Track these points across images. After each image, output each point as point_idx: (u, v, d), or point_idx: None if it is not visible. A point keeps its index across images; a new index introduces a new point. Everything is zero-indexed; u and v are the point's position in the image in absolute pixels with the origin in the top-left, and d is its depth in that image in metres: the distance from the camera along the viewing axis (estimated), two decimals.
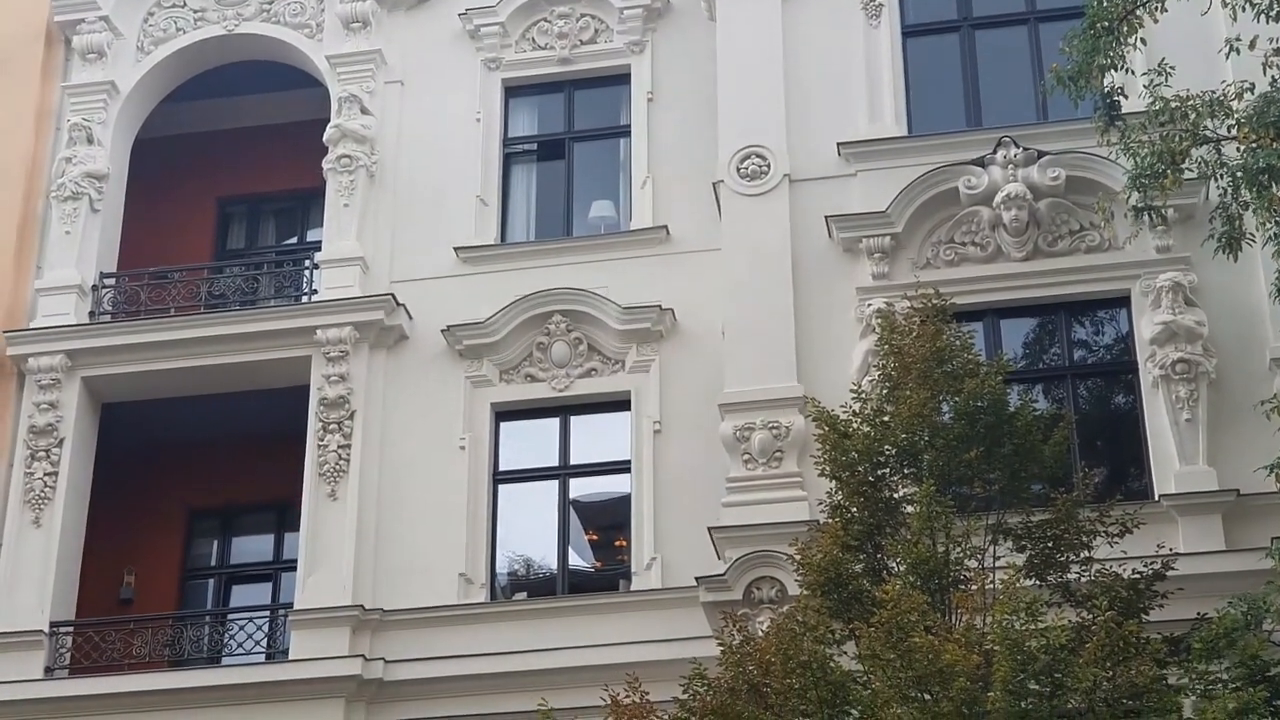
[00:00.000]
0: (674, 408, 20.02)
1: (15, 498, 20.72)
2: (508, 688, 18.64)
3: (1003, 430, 15.31)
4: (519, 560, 20.40)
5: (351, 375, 20.68)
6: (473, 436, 20.39)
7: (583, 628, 19.09)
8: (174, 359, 21.18)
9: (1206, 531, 17.21)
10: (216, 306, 21.82)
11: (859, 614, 14.49)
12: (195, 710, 19.29)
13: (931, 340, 15.60)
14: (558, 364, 20.57)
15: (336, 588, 19.70)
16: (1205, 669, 13.99)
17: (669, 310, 20.38)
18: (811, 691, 13.83)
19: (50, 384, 21.12)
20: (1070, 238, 18.87)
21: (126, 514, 21.91)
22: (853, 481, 15.48)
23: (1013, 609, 13.59)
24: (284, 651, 19.94)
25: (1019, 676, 13.33)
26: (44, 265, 22.07)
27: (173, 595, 21.98)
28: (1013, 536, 15.24)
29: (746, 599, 17.54)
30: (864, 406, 15.81)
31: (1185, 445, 17.69)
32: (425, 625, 19.52)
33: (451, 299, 21.04)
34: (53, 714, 19.44)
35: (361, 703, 19.20)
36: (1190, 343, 17.98)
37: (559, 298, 20.71)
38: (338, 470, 20.25)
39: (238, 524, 22.73)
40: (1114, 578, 14.85)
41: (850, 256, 19.22)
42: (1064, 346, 18.89)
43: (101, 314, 21.91)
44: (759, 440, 18.52)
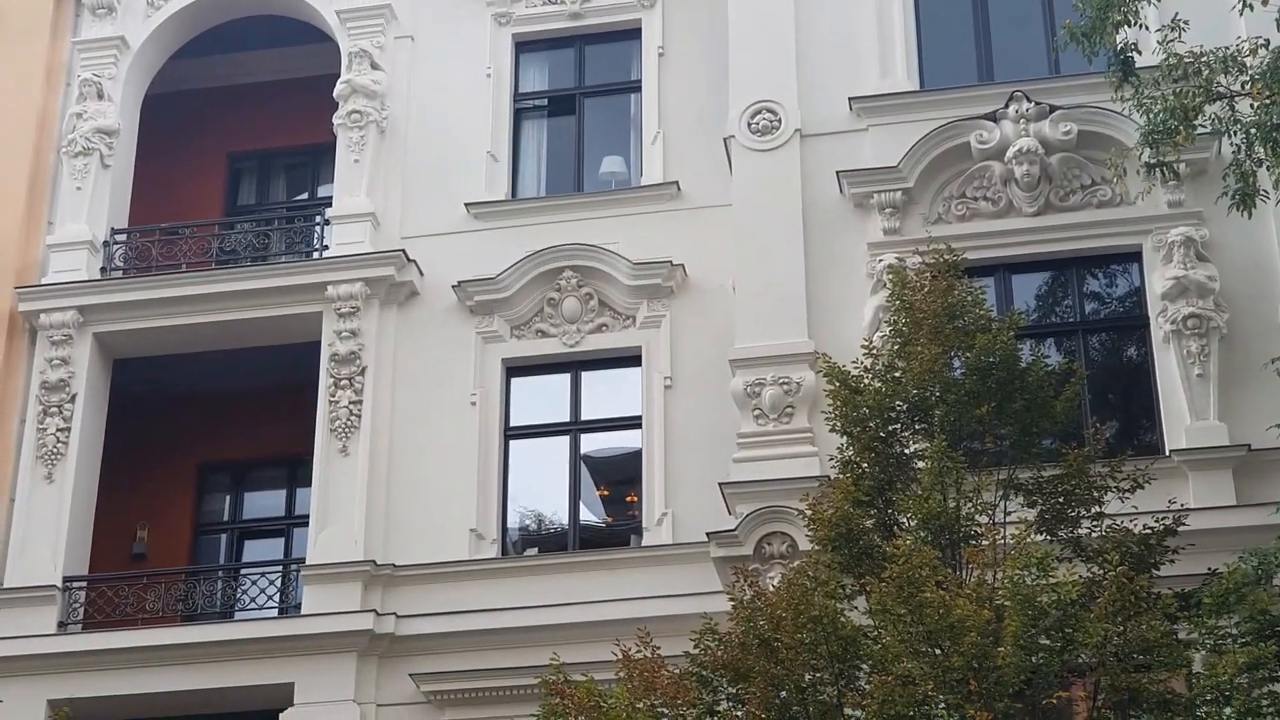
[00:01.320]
0: (685, 363, 20.03)
1: (28, 453, 20.78)
2: (519, 643, 18.69)
3: (1014, 385, 15.29)
4: (530, 516, 20.44)
5: (362, 331, 20.70)
6: (484, 392, 20.41)
7: (594, 583, 19.15)
8: (185, 314, 21.22)
9: (1217, 486, 17.21)
10: (227, 262, 21.83)
11: (870, 569, 14.50)
12: (208, 664, 19.38)
13: (943, 295, 15.56)
14: (568, 319, 20.57)
15: (348, 543, 19.75)
16: (1215, 624, 14.00)
17: (680, 266, 20.37)
18: (822, 646, 13.85)
19: (62, 340, 21.15)
20: (1082, 193, 18.82)
21: (139, 469, 21.97)
22: (864, 437, 15.47)
23: (1024, 564, 13.59)
24: (296, 606, 20.02)
25: (1030, 631, 13.34)
26: (55, 221, 22.09)
27: (185, 550, 22.06)
28: (1024, 492, 15.23)
29: (757, 554, 17.55)
30: (875, 362, 15.79)
31: (1196, 400, 17.68)
32: (437, 580, 19.58)
33: (462, 254, 21.04)
34: (66, 668, 19.52)
35: (374, 657, 19.28)
36: (1202, 298, 17.95)
37: (570, 253, 20.70)
38: (349, 426, 20.29)
39: (250, 479, 22.81)
40: (1125, 533, 14.83)
41: (861, 212, 19.18)
42: (1075, 301, 18.86)
43: (113, 270, 21.93)
44: (770, 396, 18.51)
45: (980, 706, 13.16)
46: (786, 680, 13.89)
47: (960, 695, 13.24)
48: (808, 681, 13.95)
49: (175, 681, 19.38)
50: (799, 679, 13.91)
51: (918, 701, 13.31)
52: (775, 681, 13.88)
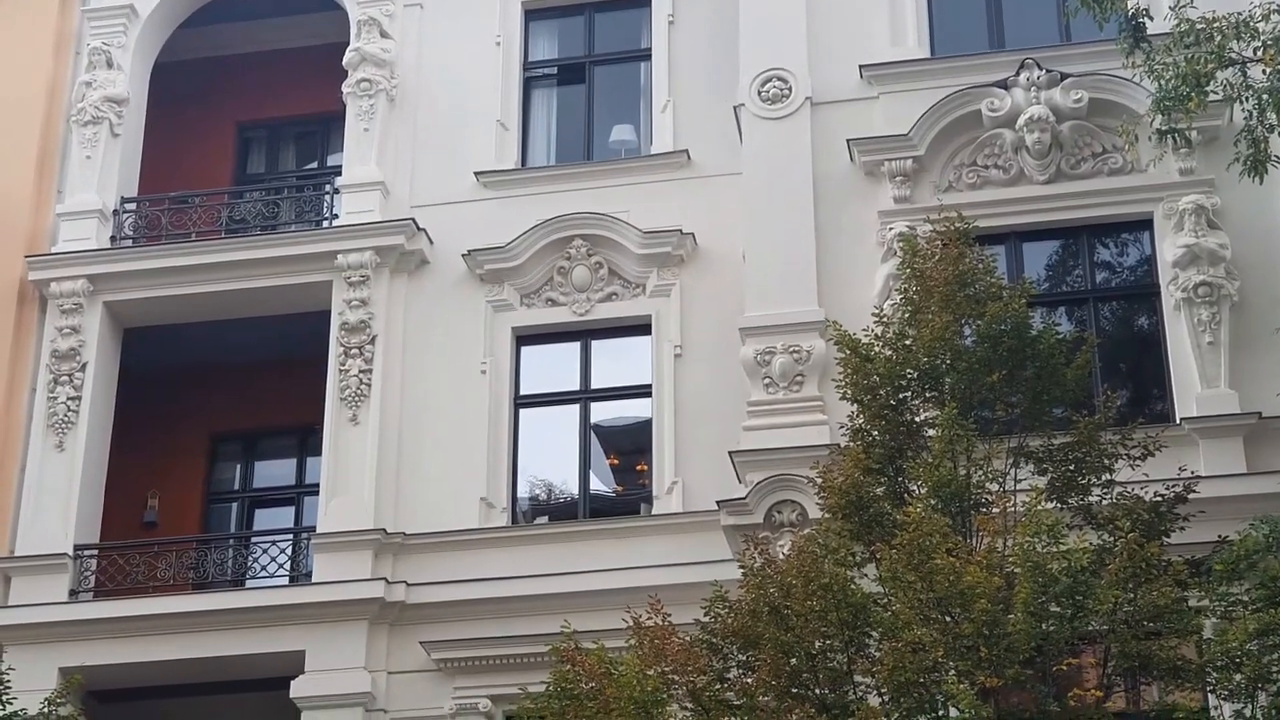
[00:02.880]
0: (695, 332, 20.03)
1: (39, 422, 20.81)
2: (529, 611, 18.72)
3: (1025, 353, 15.29)
4: (540, 484, 20.45)
5: (372, 300, 20.70)
6: (494, 361, 20.42)
7: (604, 551, 19.16)
8: (195, 284, 21.22)
9: (1228, 454, 17.18)
10: (237, 231, 21.83)
11: (880, 537, 14.51)
12: (219, 632, 19.43)
13: (954, 264, 15.54)
14: (578, 288, 20.56)
15: (358, 511, 19.78)
16: (1226, 591, 14.01)
17: (690, 234, 20.35)
18: (832, 613, 13.87)
19: (72, 309, 21.17)
20: (1093, 160, 18.77)
21: (149, 438, 21.99)
22: (874, 405, 15.47)
23: (1034, 531, 13.59)
24: (307, 575, 20.06)
25: (1040, 598, 13.35)
26: (65, 190, 22.07)
27: (196, 519, 22.10)
28: (1034, 459, 15.24)
29: (767, 522, 17.56)
30: (886, 330, 15.79)
31: (1207, 368, 17.65)
32: (447, 549, 19.61)
33: (472, 223, 21.03)
34: (78, 636, 19.56)
35: (384, 625, 19.33)
36: (1213, 265, 17.91)
37: (580, 222, 20.68)
38: (359, 395, 20.30)
39: (260, 448, 22.83)
40: (1135, 500, 14.83)
41: (872, 180, 19.15)
42: (1086, 269, 18.82)
43: (122, 239, 21.93)
44: (780, 364, 18.51)
45: (990, 673, 13.20)
46: (797, 647, 13.93)
47: (970, 662, 13.27)
48: (818, 649, 13.99)
49: (186, 649, 19.42)
50: (809, 646, 13.95)
51: (928, 668, 13.34)
52: (785, 649, 13.92)
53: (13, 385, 21.03)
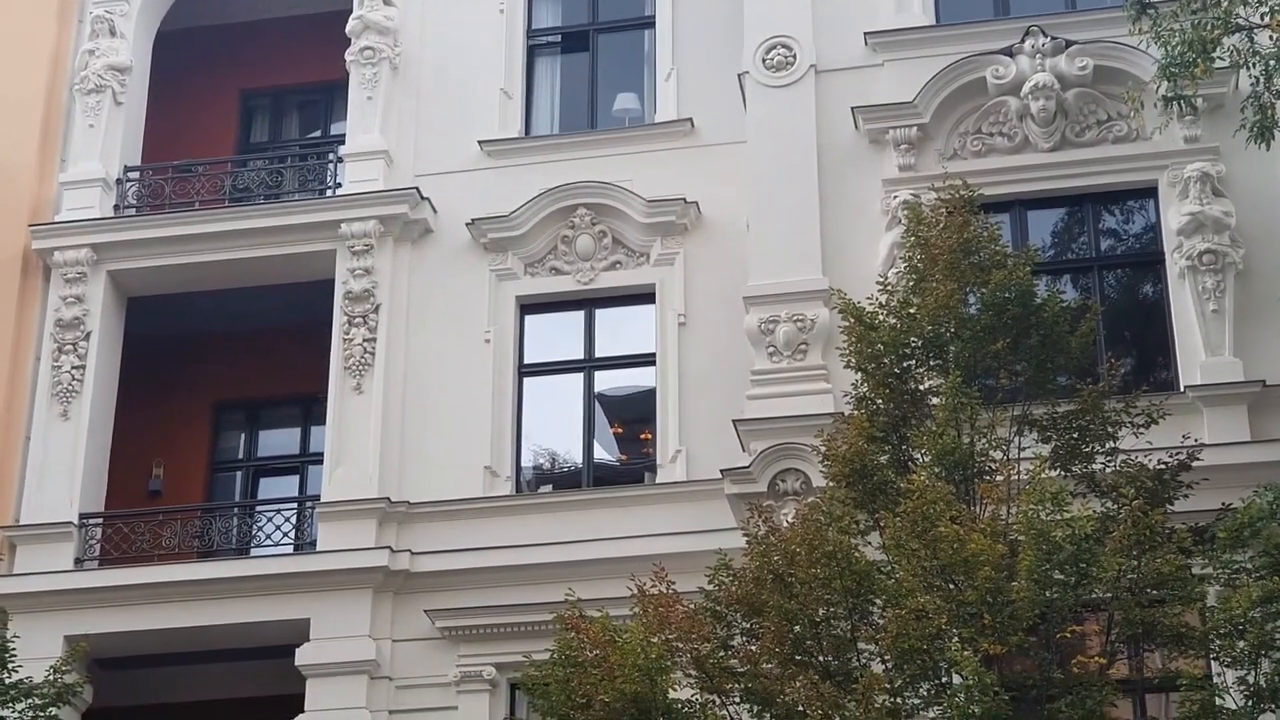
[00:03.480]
0: (698, 301, 20.01)
1: (43, 391, 20.82)
2: (533, 579, 18.75)
3: (1029, 321, 15.28)
4: (544, 453, 20.46)
5: (376, 269, 20.69)
6: (497, 329, 20.42)
7: (607, 520, 19.18)
8: (199, 252, 21.21)
9: (1232, 422, 17.18)
10: (240, 200, 21.82)
11: (884, 505, 14.52)
12: (224, 600, 19.47)
13: (959, 232, 15.52)
14: (582, 257, 20.55)
15: (363, 480, 19.80)
16: (1230, 558, 14.01)
17: (694, 203, 20.32)
18: (836, 581, 13.88)
19: (76, 278, 21.16)
20: (1098, 128, 18.73)
21: (154, 407, 22.01)
22: (878, 373, 15.47)
23: (1038, 499, 13.59)
24: (311, 543, 20.09)
25: (1044, 566, 13.35)
26: (68, 159, 22.06)
27: (201, 487, 22.12)
28: (1038, 427, 15.24)
29: (771, 491, 17.56)
30: (890, 298, 15.77)
31: (1211, 336, 17.63)
32: (451, 518, 19.64)
33: (476, 192, 21.01)
34: (83, 604, 19.60)
35: (388, 593, 19.36)
36: (1218, 233, 17.88)
37: (583, 191, 20.65)
38: (363, 364, 20.30)
39: (264, 417, 22.85)
40: (1139, 468, 14.83)
41: (876, 148, 19.11)
42: (1091, 237, 18.80)
43: (126, 208, 21.92)
44: (783, 333, 18.50)
45: (994, 640, 13.20)
46: (800, 615, 13.95)
47: (974, 629, 13.28)
48: (822, 616, 14.02)
49: (192, 617, 19.47)
50: (813, 614, 13.97)
51: (931, 636, 13.36)
52: (789, 616, 13.94)
53: (17, 354, 21.05)
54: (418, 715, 18.94)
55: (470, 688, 18.86)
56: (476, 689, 18.85)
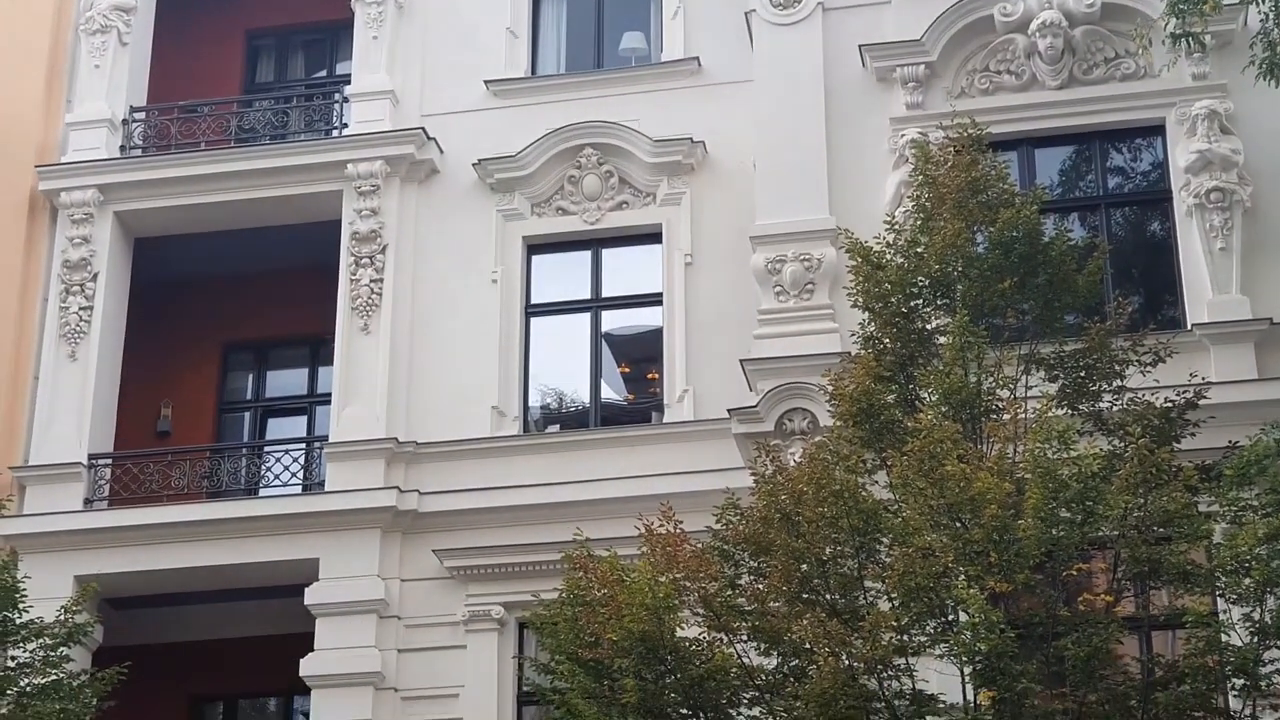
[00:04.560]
0: (705, 240, 19.99)
1: (51, 332, 20.84)
2: (541, 519, 18.81)
3: (1037, 260, 15.27)
4: (551, 393, 20.49)
5: (383, 209, 20.67)
6: (504, 270, 20.41)
7: (615, 460, 19.22)
8: (205, 193, 21.17)
9: (1239, 360, 17.19)
10: (246, 140, 21.77)
11: (891, 444, 14.54)
12: (233, 540, 19.53)
13: (967, 170, 15.50)
14: (589, 197, 20.52)
15: (370, 420, 19.83)
16: (1236, 496, 14.03)
17: (700, 143, 20.28)
18: (843, 520, 13.91)
19: (83, 219, 21.15)
20: (1105, 65, 18.68)
21: (162, 348, 22.03)
22: (885, 312, 15.48)
23: (1045, 437, 13.62)
24: (320, 483, 20.12)
25: (1050, 504, 13.38)
26: (74, 100, 22.01)
27: (209, 428, 22.14)
28: (1045, 366, 15.25)
29: (778, 430, 17.61)
30: (897, 237, 15.76)
31: (1219, 274, 17.62)
32: (459, 458, 19.66)
33: (482, 132, 20.96)
34: (93, 545, 19.63)
35: (397, 533, 19.41)
36: (1225, 171, 17.85)
37: (590, 131, 20.61)
38: (370, 304, 20.30)
39: (272, 358, 22.80)
40: (1146, 406, 14.86)
41: (884, 86, 19.07)
42: (1098, 175, 18.77)
43: (132, 148, 21.88)
44: (790, 272, 18.50)
45: (1000, 578, 13.23)
46: (807, 553, 13.98)
47: (980, 567, 13.31)
48: (829, 555, 14.05)
49: (201, 557, 19.51)
50: (820, 552, 14.00)
51: (938, 574, 13.39)
52: (796, 555, 13.97)
53: (24, 296, 21.06)
54: (426, 654, 18.98)
55: (478, 627, 18.93)
56: (485, 628, 18.92)
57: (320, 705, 18.92)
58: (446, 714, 18.65)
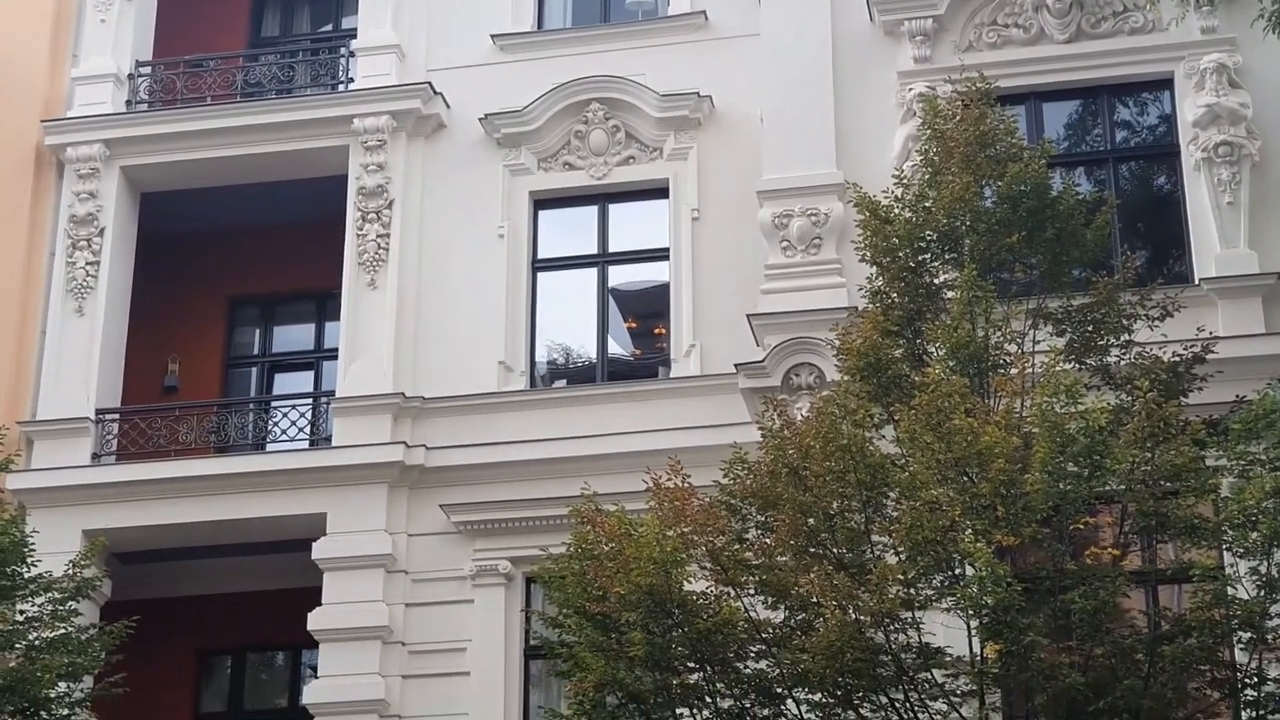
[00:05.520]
0: (712, 195, 19.97)
1: (58, 287, 20.86)
2: (548, 474, 18.85)
3: (1045, 214, 15.24)
4: (558, 348, 20.50)
5: (389, 164, 20.65)
6: (511, 225, 20.40)
7: (622, 415, 19.24)
8: (211, 148, 21.17)
9: (1246, 314, 17.16)
10: (252, 95, 21.74)
11: (898, 398, 14.53)
12: (241, 495, 19.59)
13: (975, 124, 15.46)
14: (596, 152, 20.50)
15: (377, 375, 19.86)
16: (1244, 450, 14.00)
17: (707, 97, 20.24)
18: (850, 474, 13.90)
19: (89, 173, 21.14)
20: (1114, 19, 18.60)
21: (169, 303, 22.05)
22: (893, 267, 15.46)
23: (1052, 392, 13.59)
24: (327, 438, 20.15)
25: (1058, 458, 13.35)
26: (80, 54, 21.97)
27: (216, 383, 22.18)
28: (1053, 321, 15.24)
29: (785, 385, 17.59)
30: (905, 192, 15.73)
31: (1226, 228, 17.59)
32: (466, 412, 19.70)
33: (489, 87, 20.93)
34: (101, 499, 19.71)
35: (404, 488, 19.45)
36: (1233, 125, 17.79)
37: (596, 85, 20.58)
38: (377, 259, 20.30)
39: (279, 313, 22.85)
40: (1154, 360, 14.84)
41: (891, 40, 18.99)
42: (1106, 130, 18.70)
43: (138, 103, 21.86)
44: (797, 227, 18.47)
45: (1007, 532, 13.23)
46: (815, 508, 13.98)
47: (988, 521, 13.32)
48: (836, 509, 14.03)
49: (209, 511, 19.59)
50: (827, 506, 14.00)
51: (945, 527, 13.37)
52: (804, 509, 13.97)
53: (31, 250, 21.07)
54: (433, 609, 19.06)
55: (485, 581, 18.99)
56: (492, 583, 18.98)
57: (328, 659, 19.00)
58: (453, 668, 18.73)
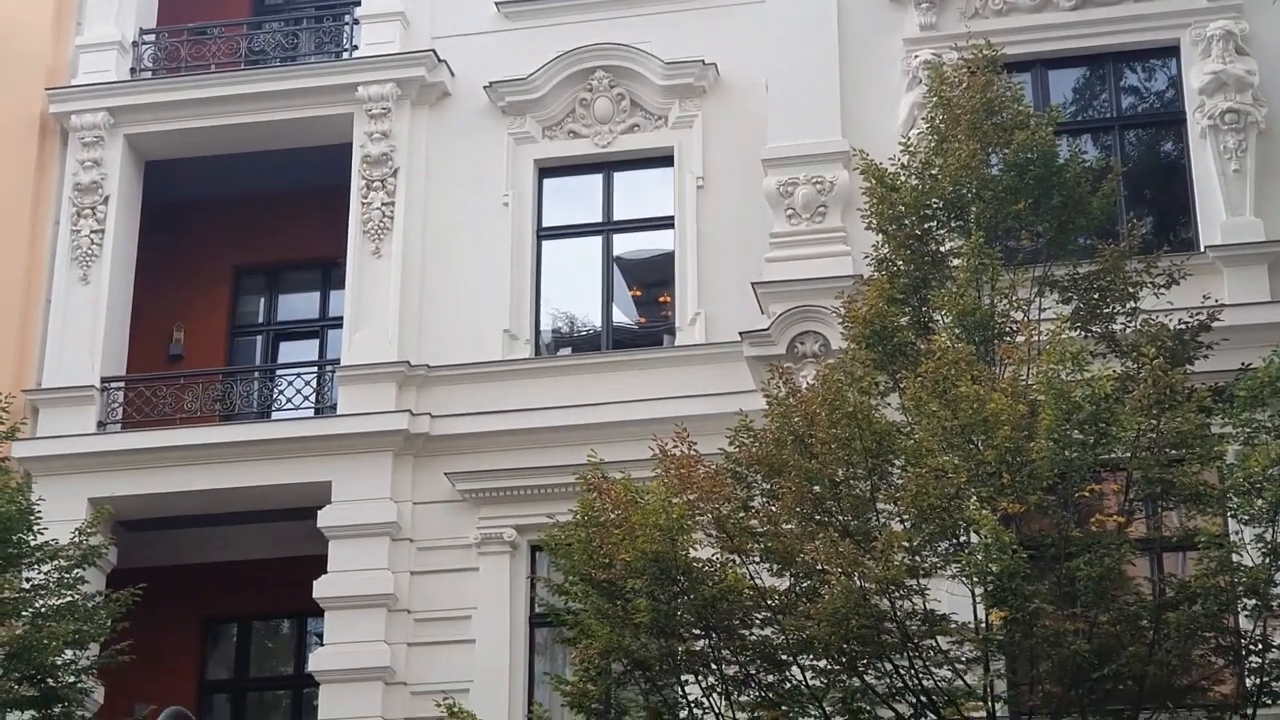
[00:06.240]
0: (717, 163, 19.95)
1: (63, 255, 20.86)
2: (552, 442, 18.88)
3: (1051, 182, 15.22)
4: (563, 316, 20.50)
5: (394, 132, 20.63)
6: (516, 193, 20.38)
7: (626, 383, 19.24)
8: (215, 116, 21.15)
9: (1252, 282, 17.16)
10: (256, 63, 21.71)
11: (904, 366, 14.54)
12: (246, 463, 19.61)
13: (981, 92, 15.43)
14: (600, 120, 20.47)
15: (382, 344, 19.86)
16: (1249, 417, 14.01)
17: (712, 65, 20.20)
18: (856, 441, 13.91)
19: (93, 141, 21.12)
20: None
21: (173, 271, 22.04)
22: (899, 235, 15.45)
23: (1058, 359, 13.59)
24: (332, 407, 20.16)
25: (1063, 425, 13.36)
26: (83, 22, 21.93)
27: (221, 351, 22.18)
28: (1059, 288, 15.24)
29: (790, 353, 17.61)
30: (912, 159, 15.70)
31: (1232, 196, 17.57)
32: (470, 381, 19.71)
33: (493, 55, 20.89)
34: (106, 467, 19.73)
35: (409, 456, 19.47)
36: (1240, 92, 17.76)
37: (601, 53, 20.54)
38: (382, 228, 20.29)
39: (284, 281, 22.83)
40: (1160, 328, 14.84)
41: (897, 7, 18.96)
42: (1112, 97, 18.68)
43: (142, 71, 21.83)
44: (802, 195, 18.46)
45: (1013, 499, 13.26)
46: (820, 475, 13.99)
47: (993, 488, 13.34)
48: (841, 476, 14.06)
49: (214, 480, 19.60)
50: (833, 474, 14.01)
51: (950, 495, 13.39)
52: (809, 476, 13.99)
53: (36, 218, 21.07)
54: (439, 577, 19.08)
55: (491, 549, 19.02)
56: (497, 551, 19.00)
57: (333, 627, 19.04)
58: (459, 636, 18.76)
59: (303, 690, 20.66)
